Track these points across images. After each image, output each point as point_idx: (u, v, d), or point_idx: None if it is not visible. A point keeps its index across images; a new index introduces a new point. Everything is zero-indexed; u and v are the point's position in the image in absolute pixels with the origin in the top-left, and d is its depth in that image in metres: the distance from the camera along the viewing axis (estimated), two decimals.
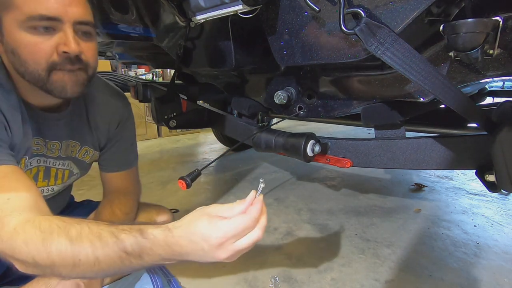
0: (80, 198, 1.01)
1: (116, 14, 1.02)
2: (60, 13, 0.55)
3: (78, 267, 0.45)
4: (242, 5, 0.66)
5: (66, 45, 0.56)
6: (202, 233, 0.45)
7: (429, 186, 1.85)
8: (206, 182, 2.01)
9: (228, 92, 1.23)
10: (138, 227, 0.47)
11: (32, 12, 0.53)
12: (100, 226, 0.48)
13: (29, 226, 0.47)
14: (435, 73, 0.55)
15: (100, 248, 0.45)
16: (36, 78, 0.58)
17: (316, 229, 1.37)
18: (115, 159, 0.88)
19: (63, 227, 0.47)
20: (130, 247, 0.45)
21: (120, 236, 0.46)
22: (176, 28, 0.95)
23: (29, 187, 0.54)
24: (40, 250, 0.45)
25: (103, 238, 0.46)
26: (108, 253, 0.45)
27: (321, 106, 0.93)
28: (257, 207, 0.48)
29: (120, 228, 0.47)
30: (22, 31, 0.54)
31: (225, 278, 1.04)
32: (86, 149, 0.81)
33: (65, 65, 0.58)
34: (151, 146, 3.01)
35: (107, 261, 0.45)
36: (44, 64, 0.57)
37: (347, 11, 0.56)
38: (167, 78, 3.87)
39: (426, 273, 1.06)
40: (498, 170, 0.62)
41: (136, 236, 0.46)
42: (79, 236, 0.46)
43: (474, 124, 0.91)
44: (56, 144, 0.73)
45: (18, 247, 0.46)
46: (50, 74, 0.58)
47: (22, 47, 0.55)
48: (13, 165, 0.56)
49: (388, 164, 0.84)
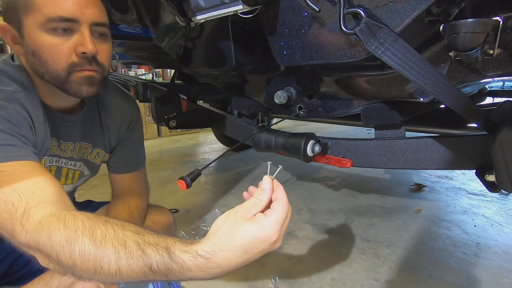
0: (80, 198, 1.01)
1: (116, 14, 1.02)
2: (78, 14, 0.57)
3: (99, 274, 0.44)
4: (242, 5, 0.66)
5: (83, 46, 0.58)
6: (258, 238, 0.43)
7: (429, 186, 1.85)
8: (206, 182, 2.01)
9: (228, 92, 1.23)
10: (165, 244, 0.44)
11: (51, 14, 0.55)
12: (125, 232, 0.45)
13: (54, 220, 0.46)
14: (435, 73, 0.55)
15: (124, 258, 0.43)
16: (55, 78, 0.60)
17: (316, 229, 1.37)
18: (125, 161, 0.89)
19: (89, 226, 0.46)
20: (156, 266, 0.42)
21: (146, 251, 0.43)
22: (176, 28, 0.95)
23: (54, 182, 0.54)
24: (64, 248, 0.44)
25: (128, 248, 0.43)
26: (131, 266, 0.43)
27: (321, 106, 0.93)
28: (281, 189, 0.48)
29: (147, 241, 0.44)
30: (42, 32, 0.56)
31: (225, 278, 1.04)
32: (97, 151, 0.82)
33: (83, 65, 0.60)
34: (151, 146, 3.01)
35: (129, 273, 0.43)
36: (64, 65, 0.59)
37: (347, 11, 0.56)
38: (167, 78, 3.87)
39: (426, 273, 1.06)
40: (498, 170, 0.62)
41: (163, 256, 0.43)
42: (103, 240, 0.44)
43: (474, 124, 0.91)
44: (70, 145, 0.74)
45: (42, 241, 0.45)
46: (70, 75, 0.60)
47: (43, 48, 0.57)
48: (36, 161, 0.56)
49: (388, 164, 0.84)
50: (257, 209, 0.46)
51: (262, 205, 0.46)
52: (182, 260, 0.42)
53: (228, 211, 0.46)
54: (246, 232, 0.43)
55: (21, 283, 0.67)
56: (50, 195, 0.51)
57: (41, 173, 0.54)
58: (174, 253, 0.43)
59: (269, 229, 0.43)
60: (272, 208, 0.46)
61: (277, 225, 0.44)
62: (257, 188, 0.50)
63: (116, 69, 3.80)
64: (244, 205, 0.46)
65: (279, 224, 0.44)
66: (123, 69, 3.91)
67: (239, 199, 1.78)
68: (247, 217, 0.45)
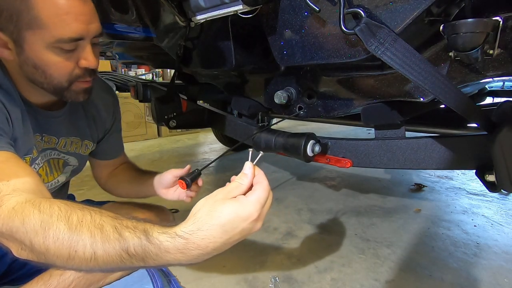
0: (80, 198, 1.01)
1: (116, 14, 1.02)
2: (84, 33, 0.59)
3: (72, 260, 0.42)
4: (242, 5, 0.66)
5: (86, 60, 0.62)
6: (239, 216, 0.42)
7: (429, 186, 1.85)
8: (206, 182, 2.01)
9: (228, 92, 1.23)
10: (143, 227, 0.43)
11: (61, 35, 0.57)
12: (103, 217, 0.45)
13: (28, 206, 0.45)
14: (435, 73, 0.55)
15: (100, 242, 0.42)
16: (56, 88, 0.63)
17: (316, 229, 1.37)
18: (113, 147, 0.95)
19: (65, 211, 0.44)
20: (132, 249, 0.41)
21: (124, 233, 0.42)
22: (176, 28, 0.95)
23: (30, 172, 0.54)
24: (38, 233, 0.43)
25: (105, 232, 0.42)
26: (107, 250, 0.42)
27: (321, 106, 0.93)
28: (261, 174, 0.48)
29: (124, 225, 0.43)
30: (49, 50, 0.58)
31: (225, 278, 1.04)
32: (86, 143, 0.85)
33: (85, 77, 0.64)
34: (151, 146, 3.01)
35: (105, 257, 0.42)
36: (67, 77, 0.62)
37: (347, 11, 0.56)
38: (167, 78, 3.87)
39: (426, 273, 1.06)
40: (498, 170, 0.62)
41: (140, 238, 0.42)
42: (79, 224, 0.43)
43: (474, 124, 0.91)
44: (53, 139, 0.75)
45: (16, 227, 0.44)
46: (71, 84, 0.63)
47: (49, 65, 0.59)
48: (12, 153, 0.55)
49: (388, 164, 0.84)
50: (238, 192, 0.46)
51: (243, 188, 0.46)
52: (160, 241, 0.41)
53: (209, 195, 0.46)
54: (226, 210, 0.42)
55: (21, 283, 0.67)
56: (27, 184, 0.50)
57: (17, 164, 0.54)
58: (152, 235, 0.42)
59: (250, 207, 0.43)
60: (253, 190, 0.46)
61: (257, 204, 0.44)
62: None
63: (116, 69, 3.80)
64: (225, 188, 0.46)
65: (260, 203, 0.44)
66: (123, 69, 3.91)
67: None
68: (228, 198, 0.44)
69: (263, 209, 0.45)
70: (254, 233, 0.46)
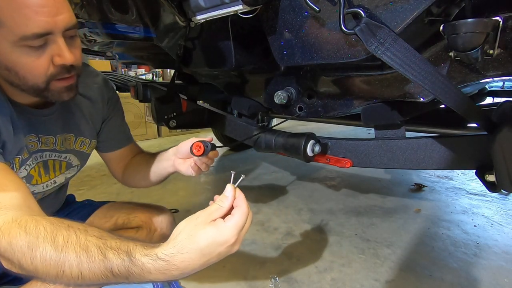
0: (80, 198, 1.01)
1: (116, 14, 1.02)
2: (51, 26, 0.53)
3: (61, 278, 0.45)
4: (242, 5, 0.66)
5: (60, 57, 0.56)
6: (216, 241, 0.45)
7: (429, 186, 1.85)
8: (206, 182, 2.01)
9: (228, 92, 1.23)
10: (126, 248, 0.45)
11: (24, 33, 0.52)
12: (88, 237, 0.46)
13: (15, 227, 0.46)
14: (435, 73, 0.55)
15: (86, 263, 0.44)
16: (34, 90, 0.59)
17: (316, 229, 1.38)
18: (115, 136, 0.90)
19: (50, 231, 0.46)
20: (116, 269, 0.44)
21: (108, 255, 0.44)
22: (176, 28, 0.95)
23: (18, 185, 0.53)
24: (25, 254, 0.44)
25: (90, 253, 0.45)
26: (93, 270, 0.44)
27: (321, 106, 0.93)
28: (242, 197, 0.50)
29: (108, 246, 0.46)
30: (16, 49, 0.53)
31: (225, 278, 1.04)
32: (81, 140, 0.81)
33: (63, 74, 0.59)
34: (151, 146, 3.01)
35: (91, 276, 0.44)
36: (43, 78, 0.57)
37: (347, 11, 0.56)
38: (167, 78, 3.87)
39: (426, 273, 1.06)
40: (498, 170, 0.62)
41: (124, 259, 0.44)
42: (65, 245, 0.45)
43: (474, 124, 0.91)
44: (51, 139, 0.73)
45: (3, 247, 0.45)
46: (49, 84, 0.58)
47: (20, 66, 0.55)
48: (1, 163, 0.55)
49: (388, 164, 0.84)
50: (218, 215, 0.48)
51: (223, 211, 0.48)
52: (142, 263, 0.44)
53: (190, 216, 0.48)
54: (204, 235, 0.45)
55: (20, 283, 0.67)
56: (14, 200, 0.50)
57: (5, 176, 0.53)
58: (135, 256, 0.44)
59: (227, 233, 0.45)
60: (232, 214, 0.48)
61: (234, 229, 0.46)
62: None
63: (116, 69, 3.81)
64: (206, 210, 0.48)
65: (237, 229, 0.46)
66: (123, 69, 3.91)
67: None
68: (207, 221, 0.46)
69: (240, 233, 0.47)
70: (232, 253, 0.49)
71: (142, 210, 0.90)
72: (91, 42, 1.35)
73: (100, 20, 1.05)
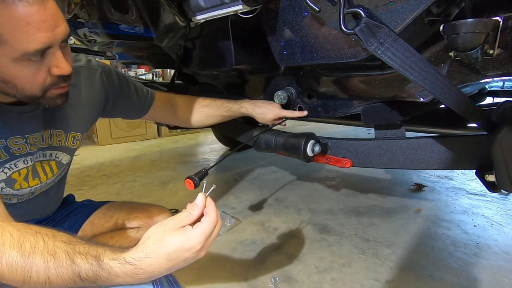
0: (80, 198, 1.01)
1: (116, 14, 1.02)
2: (51, 40, 0.54)
3: (28, 283, 0.45)
4: (242, 5, 0.66)
5: (59, 68, 0.57)
6: (182, 247, 0.47)
7: (429, 186, 1.85)
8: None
9: (228, 92, 1.23)
10: (95, 252, 0.47)
11: (26, 49, 0.52)
12: (56, 242, 0.47)
13: None
14: (435, 73, 0.55)
15: (54, 268, 0.45)
16: (32, 98, 0.59)
17: (316, 229, 1.37)
18: (134, 105, 0.91)
19: (17, 237, 0.46)
20: (84, 274, 0.45)
21: (76, 260, 0.45)
22: (176, 28, 0.95)
23: None
24: None
25: (58, 258, 0.45)
26: (60, 275, 0.45)
27: (321, 106, 0.93)
28: (212, 205, 0.52)
29: (77, 251, 0.46)
30: (16, 64, 0.54)
31: (225, 278, 1.04)
32: (73, 135, 0.78)
33: (59, 84, 0.60)
34: (151, 146, 3.01)
35: (58, 281, 0.45)
36: (41, 87, 0.58)
37: (347, 11, 0.56)
38: (167, 78, 3.87)
39: (426, 273, 1.06)
40: (498, 170, 0.62)
41: (92, 264, 0.45)
42: (32, 251, 0.45)
43: (474, 124, 0.91)
44: (37, 136, 0.70)
45: None
46: (45, 92, 0.59)
47: (20, 79, 0.55)
48: None
49: (388, 164, 0.84)
50: (187, 222, 0.50)
51: (193, 218, 0.50)
52: (110, 267, 0.45)
53: (160, 222, 0.50)
54: (172, 241, 0.46)
55: None
56: None
57: None
58: (103, 260, 0.46)
59: (193, 239, 0.47)
60: (201, 222, 0.49)
61: (201, 237, 0.48)
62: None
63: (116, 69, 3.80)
64: (176, 217, 0.50)
65: (203, 236, 0.48)
66: (123, 69, 3.91)
67: (239, 199, 1.78)
68: (176, 227, 0.48)
69: (207, 240, 0.49)
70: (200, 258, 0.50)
71: (142, 210, 0.90)
72: (91, 42, 1.35)
73: (100, 20, 1.05)
